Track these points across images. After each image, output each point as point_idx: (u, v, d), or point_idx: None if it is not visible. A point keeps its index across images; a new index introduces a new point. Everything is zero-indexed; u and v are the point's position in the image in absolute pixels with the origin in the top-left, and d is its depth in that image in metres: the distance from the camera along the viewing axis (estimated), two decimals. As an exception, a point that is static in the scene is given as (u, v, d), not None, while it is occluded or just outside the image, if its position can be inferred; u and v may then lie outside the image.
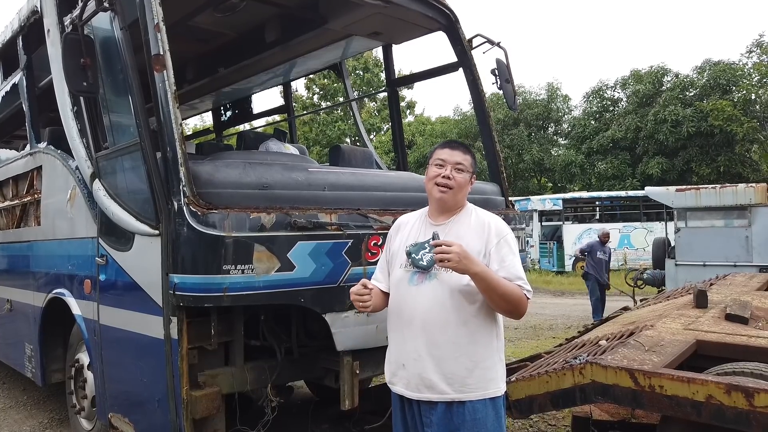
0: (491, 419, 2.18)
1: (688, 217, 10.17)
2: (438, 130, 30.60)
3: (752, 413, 2.56)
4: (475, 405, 2.15)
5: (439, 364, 2.15)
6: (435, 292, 2.17)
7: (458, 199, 2.27)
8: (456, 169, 2.24)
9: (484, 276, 2.06)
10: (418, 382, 2.18)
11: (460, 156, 2.26)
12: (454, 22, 4.38)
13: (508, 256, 2.18)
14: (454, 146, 2.31)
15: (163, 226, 2.90)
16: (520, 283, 2.15)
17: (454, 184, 2.23)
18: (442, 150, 2.29)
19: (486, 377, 2.19)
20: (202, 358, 3.05)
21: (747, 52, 23.69)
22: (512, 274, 2.15)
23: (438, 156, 2.28)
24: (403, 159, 5.70)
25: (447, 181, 2.22)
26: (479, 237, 2.21)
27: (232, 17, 4.82)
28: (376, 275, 2.46)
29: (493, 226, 2.23)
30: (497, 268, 2.14)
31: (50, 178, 4.34)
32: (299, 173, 3.37)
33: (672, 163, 23.89)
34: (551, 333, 9.24)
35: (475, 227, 2.24)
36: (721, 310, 4.08)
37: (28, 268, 4.76)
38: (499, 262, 2.16)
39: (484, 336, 2.21)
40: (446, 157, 2.25)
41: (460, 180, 2.24)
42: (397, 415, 2.35)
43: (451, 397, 2.15)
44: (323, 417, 4.66)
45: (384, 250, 2.48)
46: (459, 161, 2.25)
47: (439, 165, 2.25)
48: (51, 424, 4.96)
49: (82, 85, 3.15)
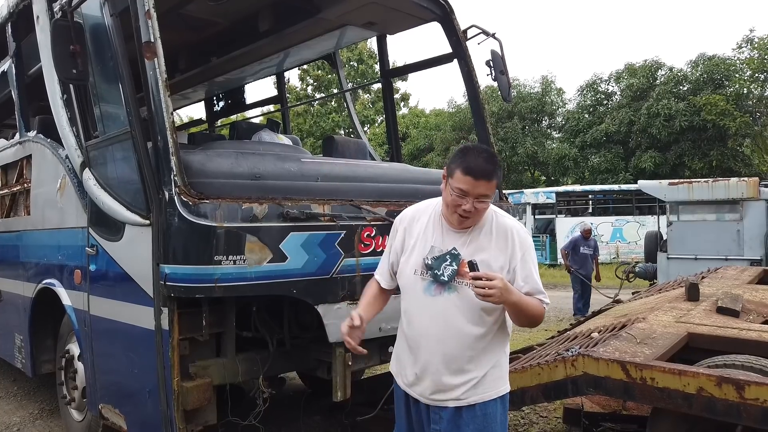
0: (500, 414, 2.16)
1: (681, 211, 10.21)
2: (432, 123, 30.55)
3: (743, 405, 2.58)
4: (486, 403, 2.12)
5: (455, 373, 2.10)
6: (454, 304, 2.07)
7: (478, 219, 2.11)
8: (478, 201, 2.02)
9: (518, 303, 2.00)
10: (433, 389, 2.13)
11: (484, 187, 2.00)
12: (449, 12, 4.34)
13: (532, 271, 2.10)
14: (478, 175, 1.98)
15: (154, 216, 2.87)
16: (541, 297, 2.09)
17: (476, 214, 2.06)
18: (464, 177, 1.99)
19: (496, 376, 2.16)
20: (193, 349, 3.03)
21: (737, 48, 23.77)
22: (535, 289, 2.08)
23: (458, 185, 2.00)
24: (397, 150, 5.68)
25: (468, 214, 2.04)
26: (502, 251, 2.09)
27: (224, 6, 4.75)
28: (383, 275, 2.34)
29: (516, 237, 2.11)
30: (522, 284, 2.07)
31: (40, 167, 4.29)
32: (292, 164, 3.35)
33: (664, 157, 23.96)
34: (543, 326, 9.25)
35: (497, 237, 2.10)
36: (713, 303, 4.10)
37: (18, 258, 4.72)
38: (524, 278, 2.08)
39: (499, 342, 2.17)
40: (468, 189, 1.99)
41: (482, 209, 2.06)
42: (401, 409, 2.29)
43: (466, 402, 2.11)
44: (315, 408, 4.66)
45: (388, 244, 2.36)
46: (482, 193, 2.01)
47: (459, 195, 2.01)
48: (41, 414, 4.94)
49: (72, 72, 3.11)
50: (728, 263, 8.47)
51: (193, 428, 3.00)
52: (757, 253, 9.42)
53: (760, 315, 4.00)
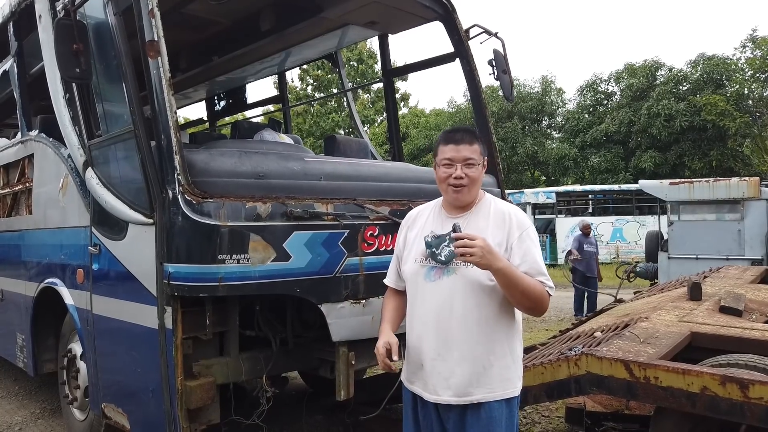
0: (505, 419, 2.10)
1: (681, 211, 10.22)
2: (432, 123, 30.54)
3: (747, 404, 2.58)
4: (491, 405, 2.08)
5: (458, 364, 2.07)
6: (454, 287, 2.06)
7: (474, 193, 2.15)
8: (466, 165, 2.09)
9: (507, 272, 1.95)
10: (435, 382, 2.10)
11: (468, 150, 2.10)
12: (451, 11, 4.34)
13: (530, 249, 2.07)
14: (458, 140, 2.11)
15: (158, 215, 2.86)
16: (542, 279, 2.04)
17: (468, 182, 2.10)
18: (447, 147, 2.12)
19: (503, 377, 2.10)
20: (196, 348, 3.02)
21: (741, 47, 23.75)
22: (534, 269, 2.04)
23: (444, 156, 2.12)
24: (398, 149, 5.68)
25: (460, 181, 2.09)
26: (500, 229, 2.09)
27: (226, 5, 4.75)
28: (390, 275, 2.36)
29: (514, 218, 2.12)
30: (519, 263, 2.03)
31: (42, 166, 4.29)
32: (295, 163, 3.35)
33: (665, 157, 23.97)
34: (544, 325, 9.27)
35: (495, 219, 2.12)
36: (716, 303, 4.10)
37: (20, 257, 4.71)
38: (521, 256, 2.05)
39: (503, 334, 2.12)
40: (453, 155, 2.10)
41: (473, 175, 2.10)
42: (408, 413, 2.26)
43: (469, 400, 2.07)
44: (317, 408, 4.66)
45: (396, 249, 2.36)
46: (467, 156, 2.09)
47: (447, 165, 2.11)
48: (43, 414, 4.94)
49: (75, 71, 3.10)
50: (729, 263, 8.47)
51: (196, 427, 3.00)
52: (758, 252, 9.43)
53: (763, 314, 4.00)
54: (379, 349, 2.11)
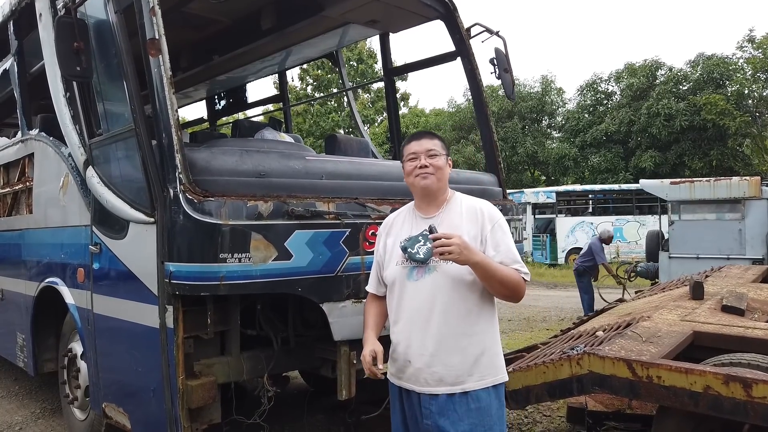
0: (495, 407, 2.18)
1: (682, 210, 10.21)
2: (432, 123, 30.54)
3: (750, 404, 2.57)
4: (478, 393, 2.14)
5: (446, 357, 2.14)
6: (436, 284, 2.15)
7: (442, 183, 2.26)
8: (429, 155, 2.22)
9: (484, 264, 2.07)
10: (426, 376, 2.16)
11: (429, 143, 2.25)
12: (452, 10, 4.34)
13: (503, 240, 2.19)
14: (419, 136, 2.30)
15: (159, 214, 2.85)
16: (517, 267, 2.16)
17: (433, 170, 2.22)
18: (410, 144, 2.28)
19: (491, 364, 2.20)
20: (197, 348, 3.02)
21: (739, 47, 23.77)
22: (509, 258, 2.17)
23: (409, 151, 2.27)
24: (399, 148, 5.67)
25: (425, 170, 2.21)
26: (473, 223, 2.21)
27: (227, 4, 4.74)
28: (371, 282, 2.44)
29: (485, 212, 2.24)
30: (494, 254, 2.15)
31: (42, 165, 4.28)
32: (296, 161, 3.33)
33: (665, 156, 23.97)
34: (545, 325, 9.27)
35: (468, 214, 2.24)
36: (718, 302, 4.09)
37: (20, 256, 4.70)
38: (494, 247, 2.17)
39: (487, 324, 2.22)
40: (416, 149, 2.25)
41: (437, 163, 2.23)
42: (396, 406, 2.33)
43: (459, 389, 2.13)
44: (318, 407, 4.65)
45: (376, 255, 2.43)
46: (429, 148, 2.24)
47: (412, 158, 2.25)
48: (43, 414, 4.93)
49: (75, 69, 3.09)
50: (730, 262, 8.46)
51: (197, 427, 2.99)
52: (758, 252, 9.42)
53: (765, 313, 3.99)
54: (366, 357, 2.17)
